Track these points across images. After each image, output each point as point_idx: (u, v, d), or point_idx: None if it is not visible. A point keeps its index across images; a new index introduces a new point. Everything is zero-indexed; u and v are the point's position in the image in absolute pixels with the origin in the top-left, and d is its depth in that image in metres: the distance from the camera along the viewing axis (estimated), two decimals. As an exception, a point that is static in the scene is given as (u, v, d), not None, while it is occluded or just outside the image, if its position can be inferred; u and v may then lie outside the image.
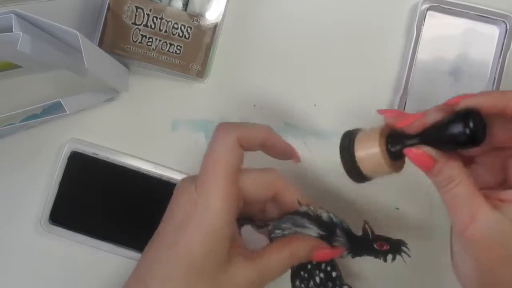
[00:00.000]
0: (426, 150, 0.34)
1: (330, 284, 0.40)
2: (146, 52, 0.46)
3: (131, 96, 0.49)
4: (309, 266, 0.40)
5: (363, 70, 0.49)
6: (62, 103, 0.39)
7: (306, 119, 0.48)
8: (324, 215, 0.39)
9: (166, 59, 0.46)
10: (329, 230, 0.39)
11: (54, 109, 0.41)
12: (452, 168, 0.34)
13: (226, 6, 0.46)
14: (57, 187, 0.47)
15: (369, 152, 0.35)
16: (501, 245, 0.33)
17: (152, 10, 0.45)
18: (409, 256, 0.38)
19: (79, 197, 0.48)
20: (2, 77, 0.46)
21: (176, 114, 0.49)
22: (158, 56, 0.46)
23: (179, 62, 0.46)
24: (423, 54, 0.48)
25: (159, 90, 0.49)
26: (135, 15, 0.45)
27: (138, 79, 0.48)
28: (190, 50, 0.46)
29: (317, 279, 0.40)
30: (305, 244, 0.38)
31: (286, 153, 0.40)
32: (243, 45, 0.49)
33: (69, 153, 0.47)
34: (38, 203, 0.48)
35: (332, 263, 0.40)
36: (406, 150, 0.35)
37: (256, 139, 0.38)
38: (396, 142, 0.35)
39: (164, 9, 0.45)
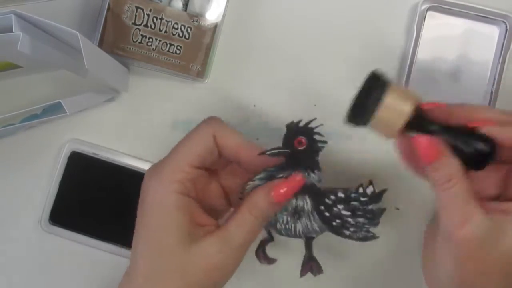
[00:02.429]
0: (436, 142, 0.34)
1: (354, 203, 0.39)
2: (146, 52, 0.46)
3: (131, 96, 0.49)
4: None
5: (363, 70, 0.49)
6: (62, 103, 0.39)
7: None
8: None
9: (166, 59, 0.46)
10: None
11: (54, 109, 0.41)
12: (453, 167, 0.34)
13: (226, 6, 0.46)
14: (57, 187, 0.47)
15: (398, 105, 0.34)
16: (488, 252, 0.33)
17: (152, 10, 0.45)
18: None
19: (79, 197, 0.48)
20: (2, 77, 0.46)
21: (176, 114, 0.49)
22: (158, 56, 0.46)
23: (179, 62, 0.46)
24: (423, 54, 0.48)
25: (159, 90, 0.49)
26: (135, 15, 0.45)
27: (138, 79, 0.48)
28: (190, 50, 0.46)
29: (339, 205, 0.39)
30: (259, 192, 0.36)
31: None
32: (243, 45, 0.49)
33: (69, 153, 0.47)
34: (38, 203, 0.48)
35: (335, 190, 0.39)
36: (418, 136, 0.34)
37: (232, 141, 0.37)
38: (420, 118, 0.35)
39: (164, 9, 0.45)
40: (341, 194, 0.39)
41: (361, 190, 0.39)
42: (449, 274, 0.35)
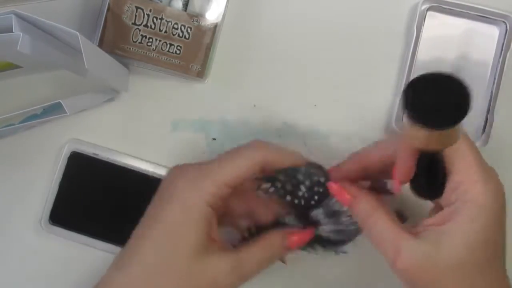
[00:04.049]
0: (343, 186, 0.37)
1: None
2: (146, 52, 0.46)
3: (131, 96, 0.49)
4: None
5: (363, 70, 0.49)
6: (62, 103, 0.39)
7: (306, 119, 0.48)
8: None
9: (166, 59, 0.46)
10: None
11: (54, 109, 0.41)
12: (367, 204, 0.36)
13: (226, 6, 0.46)
14: (57, 187, 0.47)
15: None
16: (430, 268, 0.33)
17: (152, 10, 0.45)
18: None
19: (79, 197, 0.48)
20: (2, 77, 0.46)
21: (176, 114, 0.49)
22: (158, 56, 0.46)
23: (179, 62, 0.46)
24: (423, 54, 0.48)
25: (159, 90, 0.49)
26: (135, 15, 0.45)
27: (138, 79, 0.48)
28: (190, 50, 0.46)
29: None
30: (277, 235, 0.39)
31: None
32: (243, 45, 0.49)
33: (69, 153, 0.47)
34: (38, 203, 0.48)
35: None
36: (329, 184, 0.38)
37: (283, 165, 0.39)
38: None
39: (164, 9, 0.45)
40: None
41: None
42: None
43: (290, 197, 0.39)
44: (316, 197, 0.39)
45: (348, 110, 0.48)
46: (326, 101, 0.49)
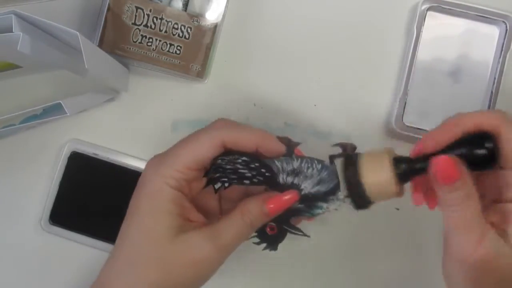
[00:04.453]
0: (456, 161, 0.33)
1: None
2: (146, 52, 0.46)
3: (131, 96, 0.49)
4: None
5: (363, 70, 0.49)
6: (62, 104, 0.39)
7: (306, 119, 0.48)
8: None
9: (166, 59, 0.46)
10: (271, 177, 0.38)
11: (54, 110, 0.41)
12: (471, 187, 0.33)
13: (226, 6, 0.46)
14: (57, 187, 0.47)
15: (380, 178, 0.34)
16: (503, 270, 0.33)
17: (152, 11, 0.45)
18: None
19: (79, 197, 0.48)
20: (2, 77, 0.46)
21: (176, 114, 0.49)
22: (158, 56, 0.46)
23: (179, 62, 0.46)
24: (423, 54, 0.48)
25: (159, 90, 0.49)
26: (135, 15, 0.45)
27: (138, 79, 0.48)
28: (190, 50, 0.46)
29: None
30: (254, 200, 0.37)
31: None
32: (243, 45, 0.49)
33: (69, 154, 0.47)
34: (38, 203, 0.48)
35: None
36: (436, 159, 0.33)
37: (246, 145, 0.37)
38: (405, 166, 0.35)
39: (164, 9, 0.45)
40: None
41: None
42: None
43: (248, 181, 0.38)
44: (262, 171, 0.38)
45: (348, 110, 0.48)
46: (326, 101, 0.49)
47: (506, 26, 0.47)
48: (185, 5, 0.46)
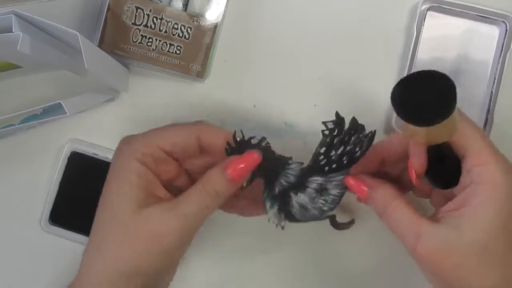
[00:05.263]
0: (360, 178, 0.38)
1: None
2: (146, 53, 0.46)
3: (131, 96, 0.49)
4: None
5: (363, 70, 0.49)
6: (62, 104, 0.39)
7: (306, 119, 0.48)
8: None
9: (166, 59, 0.46)
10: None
11: (54, 110, 0.41)
12: (385, 192, 0.37)
13: (226, 6, 0.46)
14: (57, 187, 0.47)
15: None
16: (451, 253, 0.33)
17: (152, 11, 0.45)
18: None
19: (79, 197, 0.48)
20: (2, 77, 0.46)
21: (176, 114, 0.49)
22: (158, 56, 0.46)
23: (179, 62, 0.46)
24: (423, 54, 0.48)
25: (159, 90, 0.49)
26: (135, 16, 0.45)
27: (138, 79, 0.48)
28: (190, 50, 0.46)
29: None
30: (215, 169, 0.37)
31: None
32: (243, 45, 0.49)
33: (69, 154, 0.47)
34: (38, 203, 0.48)
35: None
36: (346, 179, 0.38)
37: (214, 140, 0.38)
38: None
39: (164, 10, 0.45)
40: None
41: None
42: (435, 285, 0.36)
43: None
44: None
45: (348, 110, 0.48)
46: (326, 101, 0.49)
47: (506, 26, 0.47)
48: (185, 5, 0.46)
